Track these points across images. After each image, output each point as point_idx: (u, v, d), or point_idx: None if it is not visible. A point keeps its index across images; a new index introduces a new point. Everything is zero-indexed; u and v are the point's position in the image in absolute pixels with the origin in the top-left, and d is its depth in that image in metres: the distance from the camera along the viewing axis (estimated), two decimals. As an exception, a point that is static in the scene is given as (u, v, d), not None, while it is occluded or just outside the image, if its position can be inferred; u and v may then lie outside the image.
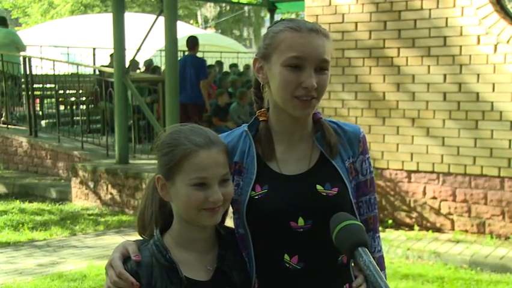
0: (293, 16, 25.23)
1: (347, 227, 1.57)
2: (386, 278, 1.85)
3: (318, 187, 1.75)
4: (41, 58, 11.44)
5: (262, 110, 1.84)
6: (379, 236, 1.91)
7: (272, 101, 1.80)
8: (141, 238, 1.81)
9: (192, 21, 30.77)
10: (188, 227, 1.72)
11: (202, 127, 1.76)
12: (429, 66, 6.38)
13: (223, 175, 1.69)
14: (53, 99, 11.41)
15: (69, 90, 11.76)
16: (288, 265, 1.75)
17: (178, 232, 1.73)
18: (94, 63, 13.91)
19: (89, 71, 13.02)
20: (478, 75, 6.14)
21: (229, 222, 1.86)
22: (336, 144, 1.79)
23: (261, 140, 1.80)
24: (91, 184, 8.34)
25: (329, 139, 1.79)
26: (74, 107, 11.63)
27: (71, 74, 11.95)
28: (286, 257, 1.75)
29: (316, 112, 1.83)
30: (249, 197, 1.75)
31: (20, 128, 10.86)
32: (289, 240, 1.74)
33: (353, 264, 1.83)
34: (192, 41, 9.78)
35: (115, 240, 6.55)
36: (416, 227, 6.52)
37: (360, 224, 1.60)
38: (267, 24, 26.14)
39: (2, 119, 11.13)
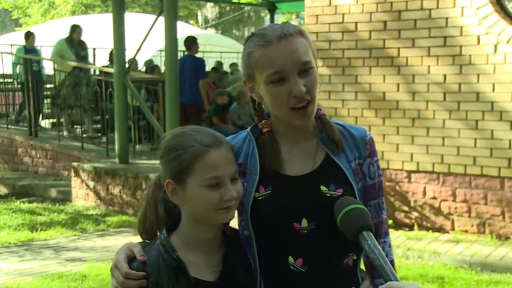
0: (293, 16, 25.23)
1: (352, 211, 1.57)
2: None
3: (323, 188, 1.72)
4: (41, 58, 11.44)
5: (264, 121, 1.81)
6: (386, 241, 1.84)
7: (272, 113, 1.79)
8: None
9: (192, 21, 30.77)
10: (197, 228, 1.71)
11: (204, 128, 1.74)
12: (429, 66, 6.37)
13: (234, 173, 1.69)
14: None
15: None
16: (292, 268, 1.72)
17: (187, 233, 1.71)
18: (94, 63, 13.89)
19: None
20: (478, 75, 6.14)
21: (233, 225, 1.85)
22: (340, 140, 1.76)
23: (267, 150, 1.77)
24: (91, 184, 8.34)
25: (332, 136, 1.76)
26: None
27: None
28: (290, 259, 1.71)
29: (317, 109, 1.79)
30: (253, 199, 1.74)
31: (20, 128, 10.87)
32: (293, 242, 1.71)
33: (361, 267, 1.81)
34: (190, 41, 9.75)
35: (115, 241, 6.55)
36: (416, 227, 6.52)
37: (365, 208, 1.59)
38: (267, 24, 26.05)
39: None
